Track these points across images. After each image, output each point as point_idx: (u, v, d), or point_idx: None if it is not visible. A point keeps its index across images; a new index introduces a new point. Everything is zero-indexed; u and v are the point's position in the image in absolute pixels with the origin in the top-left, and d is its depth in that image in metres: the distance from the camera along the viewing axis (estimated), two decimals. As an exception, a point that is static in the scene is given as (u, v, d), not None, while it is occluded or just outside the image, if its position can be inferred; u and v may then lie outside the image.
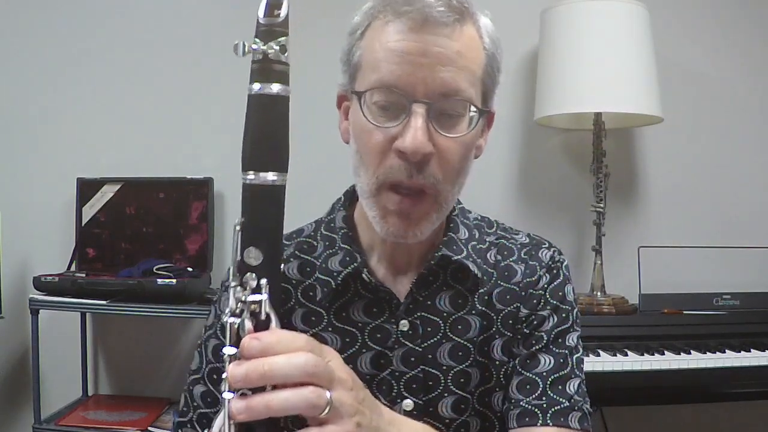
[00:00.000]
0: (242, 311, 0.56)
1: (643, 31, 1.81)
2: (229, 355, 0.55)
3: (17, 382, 2.15)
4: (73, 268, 2.06)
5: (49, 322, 2.05)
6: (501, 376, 0.84)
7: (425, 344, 0.83)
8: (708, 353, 1.67)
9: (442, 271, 0.85)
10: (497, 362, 0.84)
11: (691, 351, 1.68)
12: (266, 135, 0.56)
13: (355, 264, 0.83)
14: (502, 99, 0.86)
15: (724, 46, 2.12)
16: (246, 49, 0.56)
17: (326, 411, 0.56)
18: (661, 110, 1.83)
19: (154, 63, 2.16)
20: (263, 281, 0.56)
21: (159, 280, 1.83)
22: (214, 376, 0.86)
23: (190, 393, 0.87)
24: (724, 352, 1.68)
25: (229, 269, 0.93)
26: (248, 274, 0.56)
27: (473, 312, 0.84)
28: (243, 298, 0.56)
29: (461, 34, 0.75)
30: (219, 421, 0.55)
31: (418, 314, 0.83)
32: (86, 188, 2.09)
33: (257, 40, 0.56)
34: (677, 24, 2.10)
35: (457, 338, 0.83)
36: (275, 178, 0.56)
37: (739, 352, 1.69)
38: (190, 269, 1.97)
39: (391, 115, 0.75)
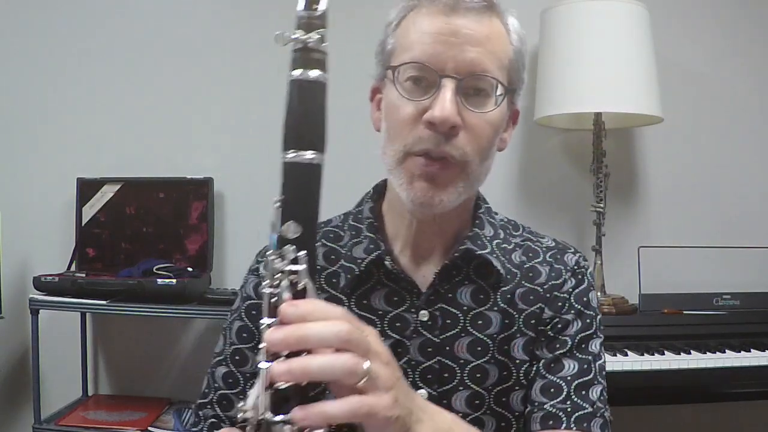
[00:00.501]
0: (280, 283, 0.57)
1: (643, 31, 1.81)
2: (267, 325, 0.56)
3: (17, 382, 2.15)
4: (73, 268, 2.06)
5: (49, 322, 2.05)
6: (521, 375, 0.84)
7: (443, 336, 0.84)
8: (708, 353, 1.67)
9: (466, 266, 0.86)
10: (518, 361, 0.85)
11: (691, 351, 1.68)
12: (305, 117, 0.59)
13: (379, 252, 0.84)
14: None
15: (724, 46, 2.12)
16: (286, 39, 0.59)
17: (364, 380, 0.55)
18: (661, 110, 1.83)
19: (154, 63, 2.16)
20: (301, 253, 0.57)
21: (159, 280, 1.83)
22: (237, 358, 0.88)
23: (212, 375, 0.89)
24: (724, 352, 1.68)
25: (264, 247, 0.93)
26: (287, 246, 0.57)
27: (495, 309, 0.85)
28: (282, 268, 0.57)
29: (490, 22, 0.80)
30: (255, 391, 0.56)
31: (439, 306, 0.84)
32: (86, 188, 2.09)
33: (297, 30, 0.60)
34: (677, 24, 2.09)
35: (476, 333, 0.84)
36: (314, 156, 0.59)
37: (739, 352, 1.69)
38: (190, 269, 1.96)
39: (422, 91, 0.79)
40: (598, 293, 1.89)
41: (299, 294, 0.57)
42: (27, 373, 2.04)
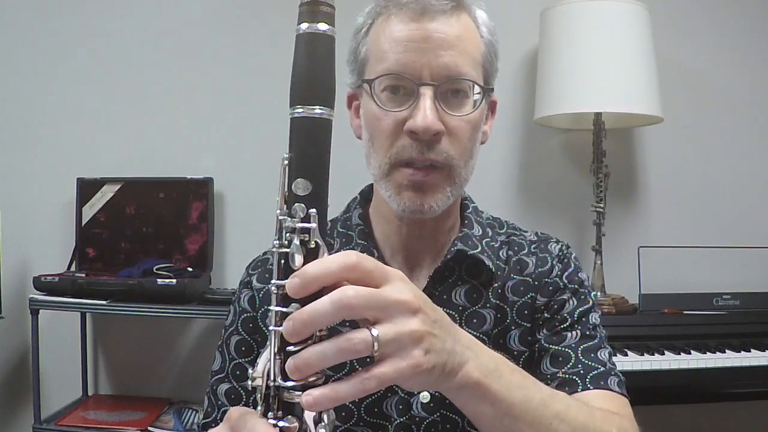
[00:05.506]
0: (290, 242, 0.55)
1: (643, 31, 1.81)
2: (276, 286, 0.54)
3: (17, 382, 2.15)
4: (73, 268, 2.06)
5: (49, 322, 2.05)
6: (520, 366, 0.84)
7: None
8: (708, 353, 1.67)
9: (458, 266, 0.86)
10: (515, 352, 0.85)
11: (691, 351, 1.68)
12: (313, 72, 0.58)
13: None
14: (502, 99, 0.87)
15: (724, 46, 2.12)
16: None
17: (376, 348, 0.51)
18: (661, 110, 1.83)
19: (154, 63, 2.16)
20: (312, 211, 0.55)
21: (159, 280, 1.83)
22: (237, 373, 0.87)
23: (214, 393, 0.88)
24: (724, 352, 1.68)
25: (254, 259, 0.93)
26: (297, 204, 0.56)
27: (488, 305, 0.86)
28: (293, 226, 0.55)
29: (459, 21, 0.80)
30: (264, 357, 0.54)
31: None
32: (86, 188, 2.09)
33: None
34: (677, 24, 2.09)
35: (472, 332, 0.84)
36: (322, 111, 0.57)
37: (739, 352, 1.69)
38: (190, 269, 1.96)
39: (400, 101, 0.79)
40: (598, 293, 1.89)
41: (311, 252, 0.55)
42: (27, 373, 2.04)
